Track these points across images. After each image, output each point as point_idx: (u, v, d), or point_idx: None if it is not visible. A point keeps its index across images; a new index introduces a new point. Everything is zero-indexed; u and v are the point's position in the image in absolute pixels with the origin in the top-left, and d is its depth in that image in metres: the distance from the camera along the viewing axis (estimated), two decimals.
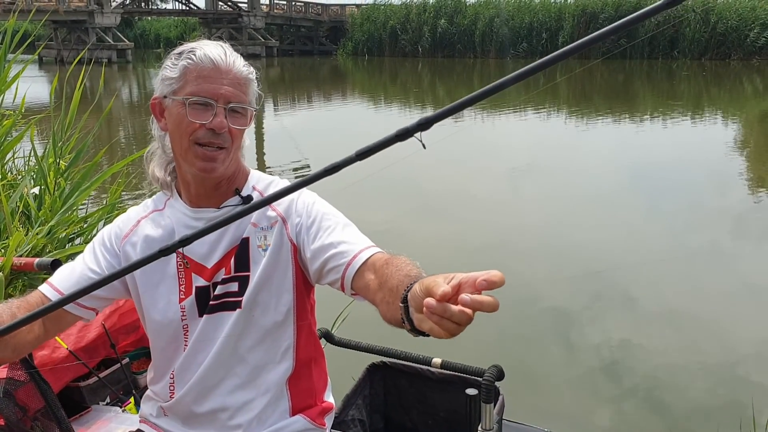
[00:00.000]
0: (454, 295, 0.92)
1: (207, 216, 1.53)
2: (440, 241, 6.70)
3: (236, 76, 1.46)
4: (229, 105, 1.44)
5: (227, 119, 1.44)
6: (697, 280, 5.61)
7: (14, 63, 3.02)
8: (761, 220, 7.47)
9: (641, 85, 24.95)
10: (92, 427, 2.00)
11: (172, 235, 1.53)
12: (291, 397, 1.61)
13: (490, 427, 2.03)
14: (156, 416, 1.65)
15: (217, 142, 1.44)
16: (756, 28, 32.45)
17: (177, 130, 1.46)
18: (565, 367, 4.17)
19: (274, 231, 1.53)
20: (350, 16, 44.27)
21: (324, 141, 12.70)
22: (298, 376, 1.61)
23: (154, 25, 54.48)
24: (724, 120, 16.48)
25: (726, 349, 4.30)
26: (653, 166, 10.43)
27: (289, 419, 1.60)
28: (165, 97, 1.48)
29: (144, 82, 28.40)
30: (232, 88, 1.44)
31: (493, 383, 2.03)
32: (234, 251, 1.53)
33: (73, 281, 1.53)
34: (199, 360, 1.54)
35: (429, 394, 2.47)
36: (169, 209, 1.59)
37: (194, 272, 1.53)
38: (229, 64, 1.45)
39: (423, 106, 19.28)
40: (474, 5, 39.01)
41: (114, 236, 1.60)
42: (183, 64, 1.45)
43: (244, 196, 1.56)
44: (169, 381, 1.59)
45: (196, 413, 1.57)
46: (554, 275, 5.70)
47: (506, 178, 9.66)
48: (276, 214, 1.54)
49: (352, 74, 33.70)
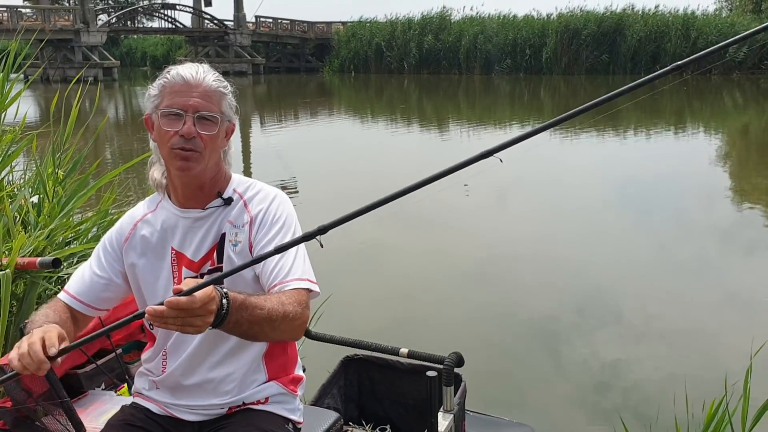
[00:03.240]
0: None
1: (193, 215, 1.77)
2: (426, 255, 6.82)
3: (205, 90, 1.68)
4: (197, 114, 1.66)
5: (196, 126, 1.66)
6: (683, 292, 5.68)
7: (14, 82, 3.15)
8: (746, 232, 7.56)
9: (624, 100, 25.27)
10: (89, 408, 2.22)
11: (166, 234, 1.78)
12: (267, 370, 1.84)
13: (450, 409, 2.26)
14: (148, 389, 1.87)
15: (189, 147, 1.66)
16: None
17: (159, 138, 1.71)
18: (551, 376, 4.28)
19: (245, 230, 1.76)
20: (336, 33, 44.52)
21: (311, 157, 12.83)
22: (272, 352, 1.84)
23: (141, 44, 54.59)
24: (706, 134, 16.75)
25: (711, 360, 4.36)
26: (638, 179, 10.59)
27: (265, 384, 1.83)
28: (151, 113, 1.72)
29: (130, 100, 28.50)
30: (200, 99, 1.67)
31: (452, 368, 2.23)
32: (216, 246, 1.77)
33: (86, 287, 1.81)
34: (188, 340, 1.77)
35: (399, 384, 2.68)
36: (160, 210, 1.82)
37: (185, 266, 1.77)
38: (198, 80, 1.68)
39: (409, 122, 19.46)
40: (459, 22, 39.37)
41: (115, 241, 1.84)
42: (161, 83, 1.70)
43: (225, 198, 1.78)
44: (162, 358, 1.82)
45: (184, 385, 1.79)
46: (541, 287, 5.81)
47: (493, 192, 9.78)
48: (249, 216, 1.78)
49: (338, 91, 33.91)
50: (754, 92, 27.08)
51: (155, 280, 1.78)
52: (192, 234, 1.77)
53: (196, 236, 1.77)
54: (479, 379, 2.82)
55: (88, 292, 1.80)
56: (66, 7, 44.61)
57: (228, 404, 1.79)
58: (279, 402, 1.84)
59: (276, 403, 1.84)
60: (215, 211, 1.78)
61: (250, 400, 1.80)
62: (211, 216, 1.77)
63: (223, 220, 1.77)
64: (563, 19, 36.27)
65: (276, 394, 1.84)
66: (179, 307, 1.28)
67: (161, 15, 42.24)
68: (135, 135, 13.71)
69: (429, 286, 5.85)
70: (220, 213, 1.78)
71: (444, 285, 5.95)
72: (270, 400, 1.83)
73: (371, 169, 11.28)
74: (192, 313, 1.30)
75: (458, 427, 2.44)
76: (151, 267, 1.79)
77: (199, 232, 1.77)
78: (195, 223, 1.77)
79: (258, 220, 1.76)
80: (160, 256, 1.79)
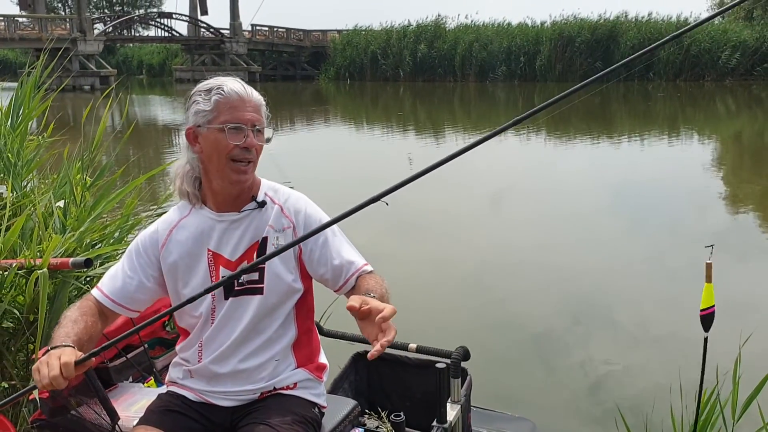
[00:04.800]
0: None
1: (230, 218, 1.92)
2: (422, 261, 6.90)
3: (255, 104, 1.86)
4: (255, 127, 1.84)
5: (255, 138, 1.83)
6: (677, 297, 5.74)
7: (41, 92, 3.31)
8: (740, 238, 7.64)
9: (618, 107, 25.50)
10: (120, 399, 2.35)
11: (201, 236, 1.92)
12: (296, 358, 2.00)
13: (458, 400, 2.43)
14: (183, 378, 2.01)
15: (249, 158, 1.84)
16: (727, 50, 33.31)
17: (215, 150, 1.83)
18: (548, 377, 4.40)
19: (286, 234, 1.92)
20: (331, 41, 44.67)
21: (308, 164, 12.96)
22: (300, 342, 2.01)
23: (137, 52, 54.74)
24: (700, 140, 16.91)
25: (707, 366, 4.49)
26: (632, 186, 10.69)
27: (294, 371, 1.99)
28: (199, 126, 1.84)
29: (128, 108, 28.56)
30: (254, 113, 1.84)
31: (460, 361, 2.40)
32: (256, 247, 1.91)
33: (118, 287, 1.95)
34: (224, 332, 1.92)
35: (407, 378, 2.83)
36: (194, 215, 1.96)
37: (222, 266, 1.91)
38: (249, 95, 1.85)
39: (405, 129, 19.61)
40: (454, 30, 39.56)
41: (150, 247, 1.97)
42: (215, 99, 1.82)
43: (259, 201, 1.94)
44: (198, 349, 1.96)
45: (219, 374, 1.94)
46: (536, 293, 5.90)
47: (488, 199, 9.89)
48: (289, 221, 1.94)
49: (334, 98, 34.05)
50: (746, 98, 27.32)
51: (193, 280, 1.92)
52: (228, 235, 1.91)
53: (232, 238, 1.91)
54: (481, 379, 2.96)
55: (119, 292, 1.94)
56: (63, 16, 44.77)
57: (260, 389, 1.94)
58: (306, 387, 2.00)
59: (303, 389, 1.99)
60: (250, 213, 1.92)
61: (280, 386, 1.96)
62: (247, 218, 1.92)
63: (259, 222, 1.92)
64: (557, 26, 36.51)
65: (303, 380, 2.00)
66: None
67: (157, 24, 42.41)
68: (130, 142, 13.78)
69: (425, 293, 5.92)
70: (255, 215, 1.92)
71: (440, 292, 6.02)
72: (298, 386, 1.98)
73: (368, 175, 11.40)
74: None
75: (464, 418, 2.60)
76: (188, 269, 1.93)
77: (236, 233, 1.91)
78: (231, 225, 1.92)
79: (302, 225, 1.94)
80: (196, 258, 1.92)
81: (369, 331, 1.56)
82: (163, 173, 4.35)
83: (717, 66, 33.61)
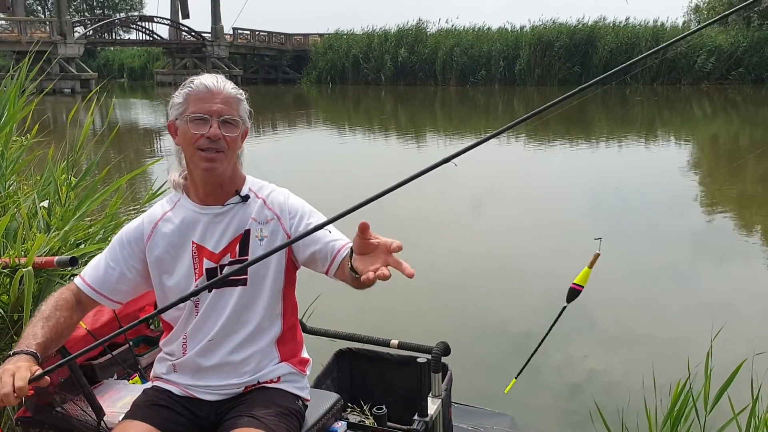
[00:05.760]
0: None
1: (214, 212, 1.96)
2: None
3: (226, 97, 1.90)
4: (221, 118, 1.88)
5: (221, 129, 1.87)
6: (656, 299, 5.83)
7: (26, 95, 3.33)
8: (717, 240, 7.74)
9: (596, 110, 25.74)
10: (106, 395, 2.38)
11: (186, 229, 1.96)
12: (279, 353, 2.04)
13: (438, 394, 2.50)
14: (167, 373, 2.04)
15: (215, 147, 1.87)
16: (703, 54, 33.79)
17: (184, 141, 1.91)
18: (527, 377, 4.45)
19: (270, 225, 1.96)
20: (313, 45, 44.71)
21: (289, 167, 12.95)
22: (284, 337, 2.05)
23: (118, 55, 54.35)
24: (677, 143, 17.12)
25: (677, 355, 4.56)
26: (610, 188, 10.78)
27: (277, 365, 2.03)
28: (176, 119, 1.92)
29: (109, 111, 28.35)
30: (223, 105, 1.89)
31: (440, 356, 2.46)
32: (239, 239, 1.96)
33: (100, 276, 1.99)
34: (209, 324, 1.96)
35: (389, 375, 2.88)
36: (179, 208, 2.00)
37: (205, 257, 1.95)
38: (219, 88, 1.91)
39: (387, 132, 19.68)
40: (434, 34, 39.76)
41: (134, 239, 2.01)
42: (185, 92, 1.91)
43: (242, 195, 1.98)
44: (182, 341, 2.00)
45: (204, 367, 1.97)
46: (514, 297, 5.96)
47: (467, 204, 9.93)
48: (272, 212, 1.98)
49: (316, 102, 34.06)
50: (722, 102, 27.70)
51: (177, 272, 1.96)
52: (212, 228, 1.96)
53: (216, 230, 1.96)
54: (462, 378, 3.02)
55: (101, 282, 1.97)
56: (42, 19, 44.41)
57: (244, 383, 1.98)
58: (290, 381, 2.04)
59: (287, 382, 2.03)
60: (234, 207, 1.97)
61: (264, 379, 2.00)
62: (230, 212, 1.97)
63: (243, 215, 1.97)
64: (536, 31, 36.78)
65: (287, 373, 2.04)
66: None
67: (138, 27, 42.14)
68: (111, 145, 13.73)
69: (405, 297, 5.86)
70: (238, 209, 1.97)
71: (421, 296, 6.00)
72: (282, 379, 2.02)
73: (350, 179, 11.45)
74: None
75: (445, 412, 2.66)
76: (172, 260, 1.97)
77: (220, 226, 1.96)
78: (215, 219, 1.96)
79: (287, 214, 1.98)
80: (181, 250, 1.96)
81: (367, 263, 1.59)
82: (144, 175, 4.39)
83: (693, 70, 34.07)
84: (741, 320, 5.17)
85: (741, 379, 2.81)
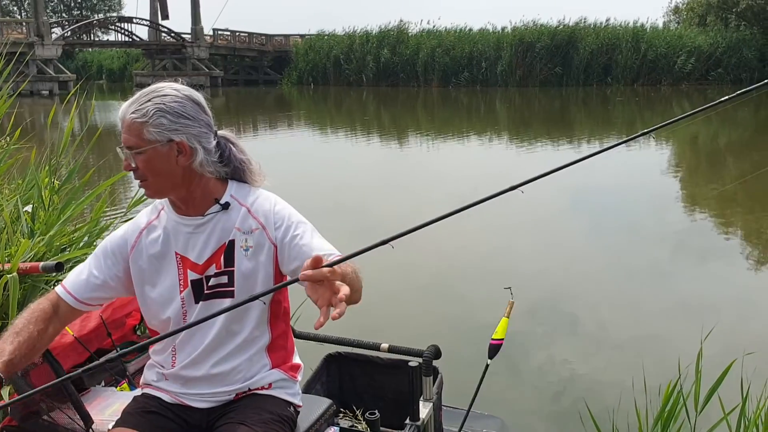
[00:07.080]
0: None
1: (195, 222, 1.90)
2: (387, 267, 6.89)
3: (128, 124, 1.80)
4: (131, 150, 1.80)
5: (134, 160, 1.80)
6: (636, 299, 5.86)
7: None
8: (697, 239, 7.79)
9: (578, 111, 25.90)
10: (94, 402, 2.35)
11: (169, 239, 1.92)
12: (270, 360, 2.01)
13: (430, 398, 2.49)
14: (157, 381, 2.01)
15: (137, 177, 1.84)
16: (683, 55, 34.14)
17: None
18: (513, 380, 4.45)
19: (255, 235, 1.90)
20: (294, 46, 44.53)
21: (272, 170, 12.84)
22: (274, 345, 2.01)
23: (97, 57, 53.80)
24: (657, 143, 17.25)
25: (666, 354, 4.57)
26: (592, 189, 10.81)
27: (269, 371, 2.00)
28: None
29: (89, 114, 28.09)
30: (127, 134, 1.80)
31: (431, 359, 2.45)
32: (222, 249, 1.90)
33: (82, 284, 1.94)
34: (197, 337, 1.92)
35: (379, 378, 2.87)
36: (162, 217, 1.96)
37: (189, 269, 1.91)
38: (123, 116, 1.81)
39: (369, 134, 19.65)
40: (416, 35, 39.74)
41: (118, 249, 1.97)
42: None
43: (222, 203, 1.92)
44: (171, 353, 1.97)
45: (194, 377, 1.94)
46: (498, 298, 5.95)
47: (450, 205, 9.94)
48: (257, 222, 1.92)
49: (297, 103, 33.93)
50: (702, 102, 27.52)
51: (162, 282, 1.93)
52: (194, 239, 1.91)
53: (198, 241, 1.91)
54: (450, 381, 3.00)
55: (83, 291, 1.92)
56: (18, 20, 43.90)
57: (235, 391, 1.96)
58: (281, 387, 2.02)
59: (279, 388, 2.01)
60: (215, 216, 1.91)
61: (255, 386, 1.97)
62: (211, 221, 1.91)
63: (225, 224, 1.91)
64: (517, 32, 36.83)
65: (278, 380, 2.01)
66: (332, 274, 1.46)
67: (117, 28, 41.77)
68: (92, 149, 13.62)
69: (390, 299, 5.91)
70: (220, 218, 1.91)
71: (405, 297, 6.03)
72: (273, 386, 2.00)
73: (334, 182, 11.36)
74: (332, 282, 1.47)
75: (436, 415, 2.65)
76: (156, 272, 1.93)
77: (201, 236, 1.91)
78: (196, 229, 1.91)
79: (273, 224, 1.91)
80: (166, 261, 1.92)
81: (315, 292, 1.49)
82: (127, 178, 4.30)
83: (673, 71, 34.40)
84: (729, 320, 5.20)
85: (730, 378, 2.83)
